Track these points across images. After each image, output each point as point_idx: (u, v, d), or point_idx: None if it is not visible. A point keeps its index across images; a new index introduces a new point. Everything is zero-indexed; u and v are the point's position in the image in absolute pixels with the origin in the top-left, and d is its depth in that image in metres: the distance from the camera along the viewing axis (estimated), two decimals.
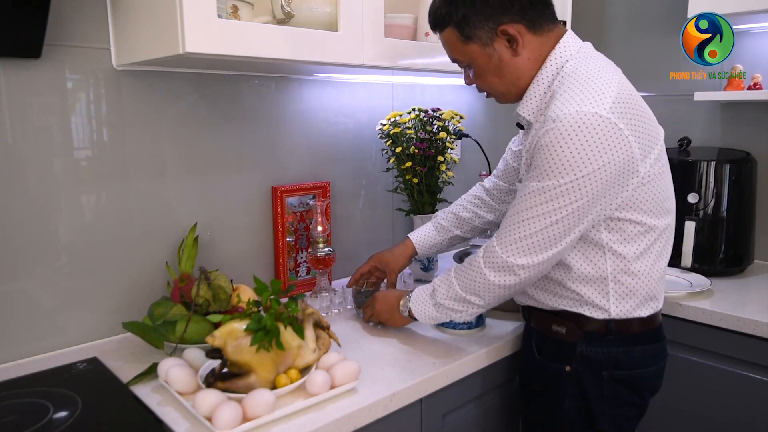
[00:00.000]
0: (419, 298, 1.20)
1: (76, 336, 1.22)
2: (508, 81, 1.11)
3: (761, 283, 1.65)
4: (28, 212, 1.14)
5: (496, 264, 1.06)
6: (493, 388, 1.29)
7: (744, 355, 1.40)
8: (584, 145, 0.95)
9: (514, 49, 1.07)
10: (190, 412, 0.93)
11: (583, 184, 0.97)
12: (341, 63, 1.22)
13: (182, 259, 1.27)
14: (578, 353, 1.10)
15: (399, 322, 1.27)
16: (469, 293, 1.10)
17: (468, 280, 1.10)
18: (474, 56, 1.10)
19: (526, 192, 1.02)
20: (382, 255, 1.46)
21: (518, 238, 1.03)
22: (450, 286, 1.13)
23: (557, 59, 1.08)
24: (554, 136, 0.96)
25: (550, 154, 0.97)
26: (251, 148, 1.46)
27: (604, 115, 0.95)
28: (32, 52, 1.09)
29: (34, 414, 0.93)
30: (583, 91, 0.99)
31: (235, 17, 1.13)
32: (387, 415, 1.03)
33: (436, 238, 1.46)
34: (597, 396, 1.11)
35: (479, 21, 1.05)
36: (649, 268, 1.08)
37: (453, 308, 1.14)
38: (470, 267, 1.10)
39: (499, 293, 1.09)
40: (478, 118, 2.03)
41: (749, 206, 1.71)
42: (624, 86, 1.03)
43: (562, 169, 0.97)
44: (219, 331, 0.94)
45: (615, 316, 1.08)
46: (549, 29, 1.09)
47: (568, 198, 0.98)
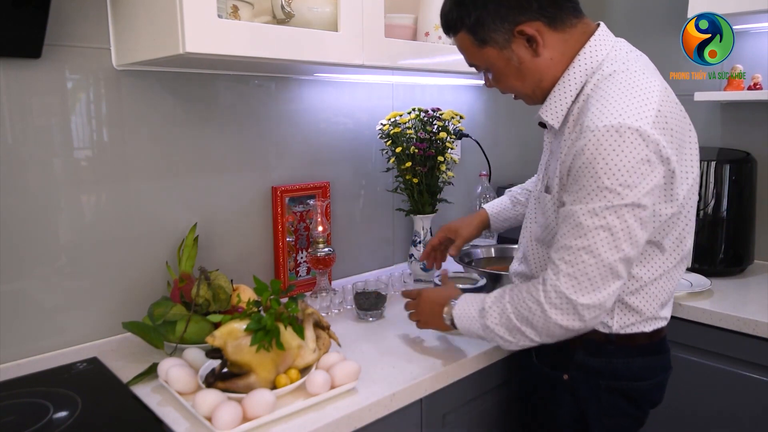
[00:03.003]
0: (465, 311, 1.09)
1: (76, 336, 1.22)
2: (531, 83, 1.03)
3: (761, 283, 1.65)
4: (28, 212, 1.14)
5: (560, 303, 0.95)
6: (493, 388, 1.28)
7: (744, 355, 1.40)
8: (631, 162, 0.88)
9: (534, 49, 0.99)
10: (190, 412, 0.93)
11: (639, 202, 0.89)
12: (341, 63, 1.22)
13: (182, 259, 1.27)
14: (576, 361, 1.06)
15: (443, 328, 1.17)
16: (526, 326, 0.99)
17: (526, 312, 0.99)
18: (491, 60, 1.02)
19: (576, 217, 0.93)
20: (451, 223, 1.43)
21: (581, 272, 0.93)
22: (503, 313, 1.02)
23: (589, 59, 0.99)
24: (596, 152, 0.89)
25: (596, 172, 0.89)
26: (251, 148, 1.46)
27: (647, 130, 0.88)
28: (32, 52, 1.09)
29: (34, 414, 0.93)
30: (623, 99, 0.91)
31: (235, 17, 1.13)
32: (387, 415, 1.03)
33: (511, 212, 1.41)
34: (593, 406, 1.07)
35: (494, 23, 0.98)
36: (659, 290, 1.04)
37: (503, 336, 1.03)
38: (530, 298, 0.98)
39: (559, 333, 0.97)
40: (478, 118, 2.03)
41: (749, 206, 1.71)
42: (666, 93, 0.96)
43: (612, 189, 0.89)
44: (219, 331, 0.94)
45: (616, 331, 1.04)
46: (572, 25, 1.00)
47: (627, 219, 0.90)
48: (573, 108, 1.00)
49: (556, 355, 1.08)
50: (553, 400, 1.11)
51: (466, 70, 1.50)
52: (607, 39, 1.01)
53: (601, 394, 1.06)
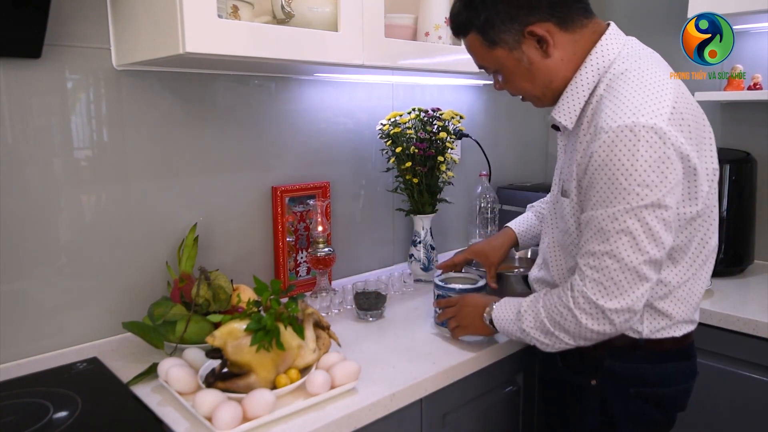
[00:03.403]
0: (503, 314, 1.11)
1: (76, 336, 1.22)
2: (541, 85, 1.02)
3: (761, 283, 1.65)
4: (28, 212, 1.14)
5: (589, 309, 0.95)
6: (493, 388, 1.29)
7: (744, 355, 1.40)
8: (649, 162, 0.87)
9: (545, 50, 0.98)
10: (190, 412, 0.93)
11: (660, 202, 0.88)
12: (341, 63, 1.22)
13: (182, 259, 1.27)
14: (605, 367, 1.04)
15: (483, 331, 1.19)
16: (560, 331, 1.00)
17: (559, 317, 0.99)
18: (501, 61, 1.01)
19: (597, 222, 0.92)
20: (479, 247, 1.37)
21: (606, 277, 0.93)
22: (537, 317, 1.03)
23: (600, 59, 0.98)
24: (612, 153, 0.88)
25: (613, 173, 0.89)
26: (251, 148, 1.46)
27: (663, 128, 0.87)
28: (32, 52, 1.09)
29: (34, 414, 0.93)
30: (637, 98, 0.90)
31: (235, 17, 1.13)
32: (387, 415, 1.03)
33: (538, 228, 1.37)
34: (621, 413, 1.05)
35: (504, 24, 0.97)
36: (688, 293, 1.02)
37: (539, 339, 1.04)
38: (562, 305, 0.99)
39: (591, 337, 0.98)
40: (478, 118, 2.03)
41: (749, 206, 1.71)
42: (680, 89, 0.95)
43: (631, 190, 0.88)
44: (219, 331, 0.94)
45: (646, 336, 1.02)
46: (583, 25, 0.99)
47: (648, 221, 0.89)
48: (586, 108, 1.00)
49: (584, 360, 1.07)
50: (580, 405, 1.09)
51: (466, 69, 1.51)
52: (618, 38, 1.01)
53: (629, 400, 1.05)
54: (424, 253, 1.67)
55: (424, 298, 1.52)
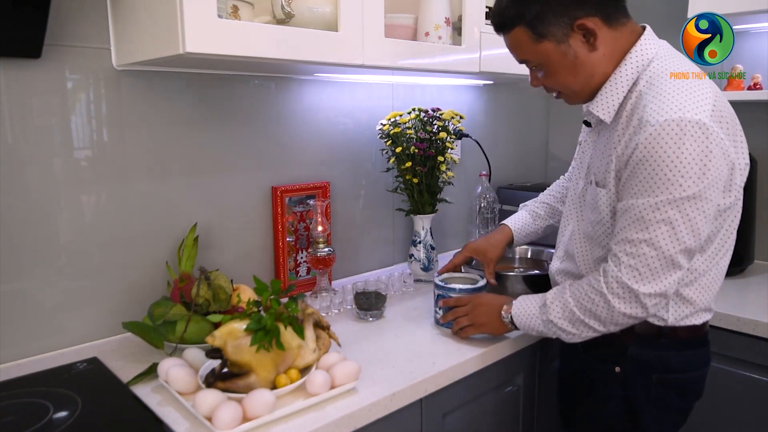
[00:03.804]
0: (525, 309, 1.14)
1: (76, 336, 1.22)
2: (583, 79, 1.05)
3: (761, 283, 1.65)
4: (28, 212, 1.14)
5: (623, 293, 0.99)
6: (493, 388, 1.29)
7: (744, 355, 1.40)
8: (694, 154, 0.90)
9: (592, 44, 1.01)
10: (190, 412, 0.93)
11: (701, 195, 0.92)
12: (341, 63, 1.22)
13: (182, 259, 1.27)
14: (629, 354, 1.08)
15: (498, 329, 1.20)
16: (590, 317, 1.04)
17: (590, 304, 1.03)
18: (547, 55, 1.03)
19: (638, 211, 0.96)
20: (477, 244, 1.40)
21: (642, 263, 0.97)
22: (566, 306, 1.07)
23: (640, 57, 1.02)
24: (659, 145, 0.92)
25: (658, 165, 0.92)
26: (251, 148, 1.46)
27: (707, 123, 0.91)
28: (32, 52, 1.09)
29: (34, 414, 0.93)
30: (680, 95, 0.94)
31: (235, 17, 1.13)
32: (387, 415, 1.03)
33: (532, 226, 1.42)
34: (643, 399, 1.08)
35: (554, 17, 1.00)
36: (712, 281, 1.06)
37: (565, 329, 1.07)
38: (592, 291, 1.03)
39: (623, 321, 1.02)
40: (478, 118, 2.03)
41: (749, 206, 1.71)
42: (716, 89, 0.99)
43: (675, 182, 0.91)
44: (219, 331, 0.94)
45: (671, 323, 1.06)
46: (623, 23, 1.04)
47: (688, 212, 0.93)
48: (625, 103, 1.03)
49: (608, 348, 1.10)
50: (603, 392, 1.12)
51: (466, 69, 1.51)
52: (654, 39, 1.05)
53: (651, 386, 1.08)
54: (424, 253, 1.67)
55: (424, 298, 1.52)
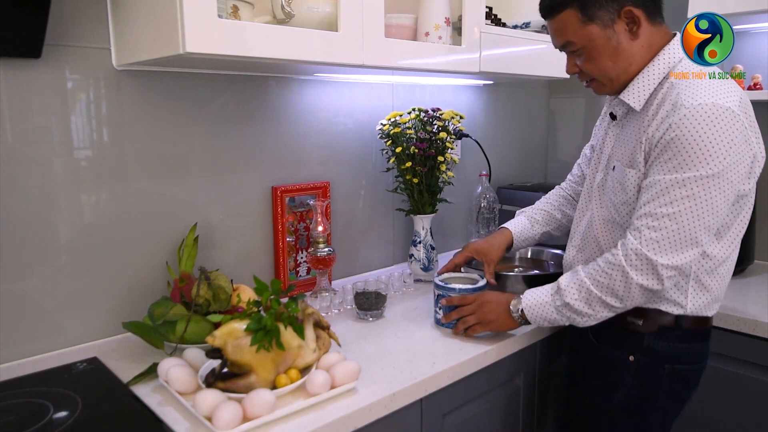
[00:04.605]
0: (536, 300, 1.16)
1: (76, 336, 1.22)
2: (621, 66, 1.09)
3: (761, 283, 1.65)
4: (28, 212, 1.14)
5: (641, 265, 1.03)
6: (493, 387, 1.29)
7: (744, 355, 1.40)
8: (723, 136, 0.97)
9: (635, 32, 1.07)
10: (190, 412, 0.93)
11: (724, 175, 0.98)
12: (341, 63, 1.22)
13: (182, 259, 1.27)
14: (645, 345, 1.12)
15: (506, 325, 1.22)
16: (607, 294, 1.07)
17: (606, 280, 1.06)
18: (592, 38, 1.08)
19: (663, 186, 1.01)
20: (478, 245, 1.43)
21: (663, 236, 1.01)
22: (581, 286, 1.09)
23: (672, 55, 1.09)
24: (691, 126, 0.97)
25: (689, 143, 0.98)
26: (251, 148, 1.46)
27: (736, 111, 0.98)
28: (32, 52, 1.09)
29: (34, 414, 0.93)
30: (711, 85, 1.01)
31: (235, 17, 1.13)
32: (387, 415, 1.03)
33: (531, 231, 1.45)
34: (654, 388, 1.13)
35: (605, 0, 1.05)
36: (727, 271, 1.11)
37: (581, 311, 1.10)
38: (609, 266, 1.06)
39: (639, 295, 1.05)
40: (478, 118, 2.03)
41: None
42: (740, 89, 1.05)
43: (702, 160, 0.97)
44: (219, 331, 0.94)
45: (689, 313, 1.10)
46: (660, 22, 1.10)
47: (711, 190, 0.99)
48: (656, 93, 1.08)
49: (623, 337, 1.15)
50: (612, 380, 1.15)
51: (466, 69, 1.51)
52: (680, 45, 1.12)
53: (663, 376, 1.12)
54: (424, 253, 1.67)
55: (424, 298, 1.52)
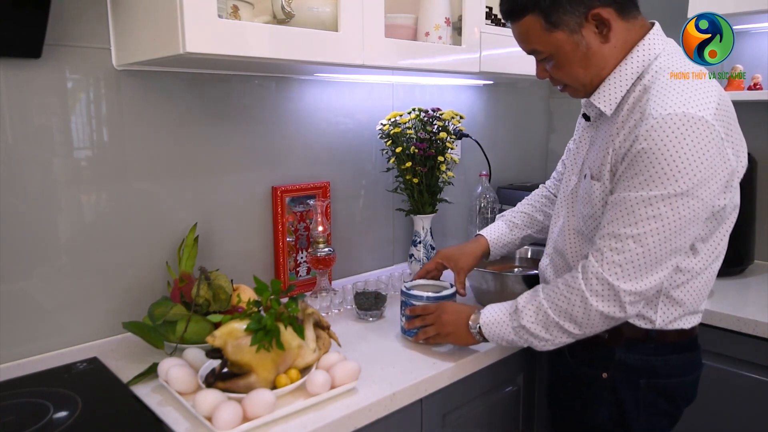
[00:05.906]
0: (494, 317, 1.09)
1: (76, 336, 1.22)
2: (593, 71, 1.02)
3: (761, 283, 1.65)
4: (28, 212, 1.14)
5: (602, 290, 0.96)
6: (493, 387, 1.29)
7: (744, 355, 1.40)
8: (693, 150, 0.88)
9: (605, 35, 0.99)
10: (190, 412, 0.93)
11: (694, 193, 0.90)
12: (341, 63, 1.22)
13: (182, 259, 1.27)
14: (616, 359, 1.06)
15: (464, 340, 1.14)
16: (565, 319, 0.99)
17: (565, 304, 0.99)
18: (559, 45, 1.00)
19: (628, 204, 0.93)
20: (449, 251, 1.35)
21: (627, 260, 0.93)
22: (539, 309, 1.02)
23: (646, 52, 1.00)
24: (659, 138, 0.89)
25: (656, 158, 0.89)
26: (251, 148, 1.45)
27: (710, 121, 0.89)
28: (32, 52, 1.09)
29: (34, 414, 0.93)
30: (685, 91, 0.92)
31: (236, 17, 1.13)
32: (387, 415, 1.03)
33: (509, 237, 1.38)
34: (632, 404, 1.06)
35: (569, 5, 0.97)
36: (703, 283, 1.04)
37: (538, 335, 1.03)
38: (568, 290, 0.99)
39: (600, 323, 0.98)
40: (478, 118, 2.03)
41: (749, 206, 1.71)
42: (720, 89, 0.98)
43: (671, 176, 0.89)
44: (219, 331, 0.94)
45: (659, 326, 1.04)
46: (635, 16, 1.01)
47: (680, 210, 0.90)
48: (628, 97, 1.00)
49: (595, 353, 1.08)
50: (590, 398, 1.10)
51: (466, 69, 1.51)
52: (662, 35, 1.03)
53: (639, 391, 1.06)
54: (424, 253, 1.67)
55: None
